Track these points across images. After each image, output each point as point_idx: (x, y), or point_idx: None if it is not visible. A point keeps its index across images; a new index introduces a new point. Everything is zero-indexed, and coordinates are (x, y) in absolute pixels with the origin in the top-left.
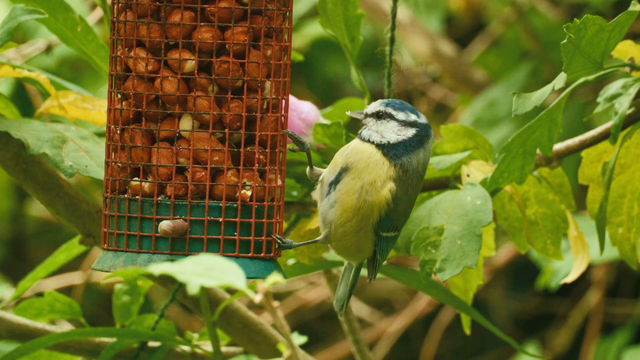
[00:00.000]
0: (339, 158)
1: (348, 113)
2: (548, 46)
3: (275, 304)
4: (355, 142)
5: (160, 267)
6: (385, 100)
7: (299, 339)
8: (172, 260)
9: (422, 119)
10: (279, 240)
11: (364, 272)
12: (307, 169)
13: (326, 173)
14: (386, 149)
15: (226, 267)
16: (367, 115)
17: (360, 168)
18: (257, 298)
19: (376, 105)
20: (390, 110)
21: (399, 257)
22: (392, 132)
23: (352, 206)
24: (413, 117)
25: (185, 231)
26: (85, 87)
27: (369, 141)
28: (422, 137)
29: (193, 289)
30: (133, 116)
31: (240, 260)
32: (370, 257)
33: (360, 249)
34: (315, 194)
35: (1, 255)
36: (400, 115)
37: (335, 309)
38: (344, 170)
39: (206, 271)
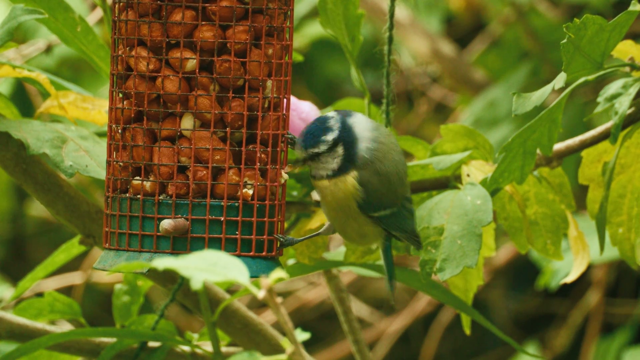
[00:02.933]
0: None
1: (286, 170)
2: (548, 46)
3: (279, 299)
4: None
5: (163, 261)
6: (301, 141)
7: (301, 336)
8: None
9: (334, 130)
10: (281, 239)
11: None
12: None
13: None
14: (334, 174)
15: (230, 263)
16: (305, 160)
17: (323, 191)
18: (261, 294)
19: (301, 152)
20: (313, 150)
21: (399, 257)
22: (330, 164)
23: (330, 205)
24: (330, 137)
25: (186, 230)
26: (85, 87)
27: (320, 178)
28: (348, 143)
29: (196, 283)
30: (134, 115)
31: (242, 259)
32: (383, 241)
33: (362, 234)
34: (316, 194)
35: (1, 255)
36: (322, 147)
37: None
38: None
39: (209, 266)
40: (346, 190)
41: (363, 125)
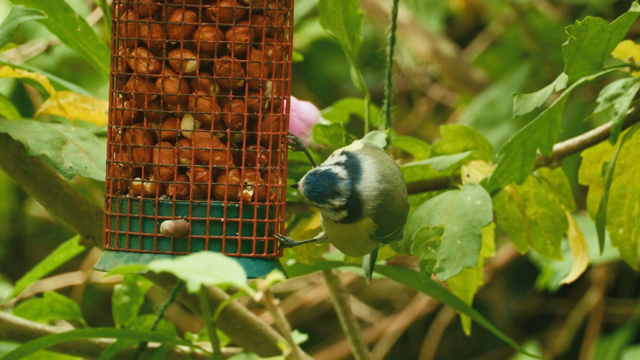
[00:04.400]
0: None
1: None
2: (548, 46)
3: (276, 302)
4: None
5: (161, 264)
6: (307, 189)
7: (299, 338)
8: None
9: (342, 197)
10: (281, 239)
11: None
12: (311, 169)
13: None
14: (342, 222)
15: (227, 265)
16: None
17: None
18: (257, 296)
19: (302, 191)
20: (317, 204)
21: (399, 257)
22: (334, 216)
23: (339, 237)
24: (337, 203)
25: (187, 231)
26: (85, 87)
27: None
28: (355, 206)
29: (193, 286)
30: (134, 116)
31: (242, 260)
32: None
33: (361, 252)
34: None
35: (1, 255)
36: (327, 207)
37: (364, 276)
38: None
39: (207, 269)
40: (360, 228)
41: (371, 180)
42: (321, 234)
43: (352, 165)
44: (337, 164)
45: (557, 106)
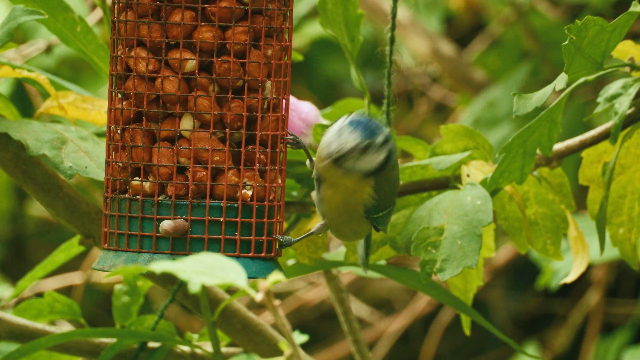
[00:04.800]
0: (317, 160)
1: (328, 156)
2: (548, 46)
3: (277, 302)
4: (331, 165)
5: (161, 265)
6: (360, 129)
7: (300, 338)
8: (173, 260)
9: (384, 133)
10: (280, 239)
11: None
12: (307, 162)
13: (324, 136)
14: (366, 173)
15: (227, 266)
16: (350, 151)
17: (338, 184)
18: (258, 297)
19: (353, 138)
20: (369, 141)
21: (399, 257)
22: (370, 162)
23: (337, 206)
24: (380, 137)
25: (186, 231)
26: (85, 87)
27: (351, 171)
28: (392, 148)
29: (194, 287)
30: (134, 116)
31: (241, 260)
32: (365, 238)
33: (356, 232)
34: (315, 194)
35: (1, 255)
36: (379, 139)
37: (360, 264)
38: (321, 179)
39: (207, 269)
40: (360, 198)
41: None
42: (318, 224)
43: (358, 114)
44: (348, 115)
45: (557, 106)
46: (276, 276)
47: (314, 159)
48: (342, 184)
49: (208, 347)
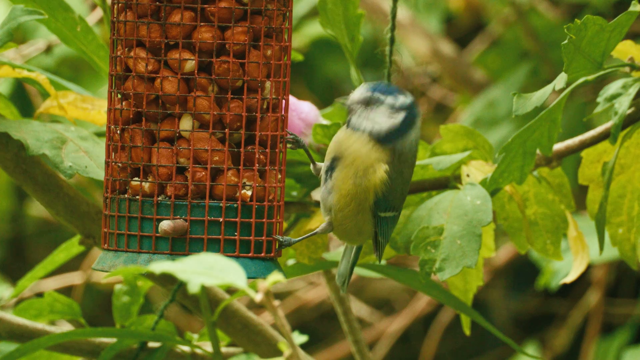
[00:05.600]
0: (331, 145)
1: (336, 100)
2: (548, 46)
3: (276, 303)
4: (345, 131)
5: (160, 265)
6: (372, 85)
7: (299, 339)
8: (172, 260)
9: (409, 99)
10: (280, 239)
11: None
12: (311, 166)
13: (324, 164)
14: (377, 135)
15: (227, 266)
16: (354, 102)
17: (352, 156)
18: (258, 297)
19: (363, 92)
20: (378, 95)
21: (399, 257)
22: (382, 118)
23: (348, 192)
24: (401, 99)
25: (185, 231)
26: (85, 87)
27: (359, 129)
28: (412, 118)
29: (194, 287)
30: (133, 116)
31: (241, 260)
32: (373, 239)
33: (360, 231)
34: (317, 193)
35: (1, 255)
36: (389, 100)
37: (337, 284)
38: (336, 159)
39: (207, 270)
40: (373, 179)
41: (419, 122)
42: (322, 225)
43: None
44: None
45: (556, 106)
46: (275, 277)
47: (318, 163)
48: (357, 157)
49: (208, 347)
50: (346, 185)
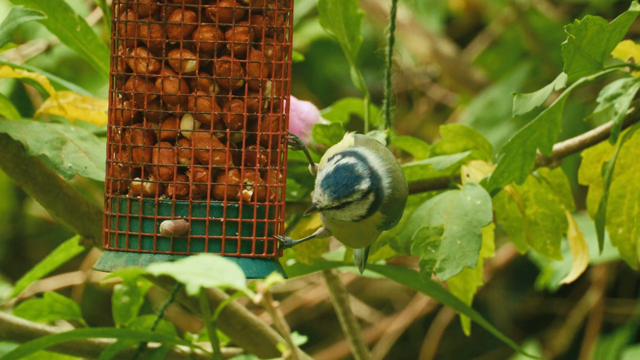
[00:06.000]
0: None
1: (305, 213)
2: (548, 46)
3: (275, 304)
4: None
5: (159, 267)
6: (330, 190)
7: (298, 339)
8: (173, 261)
9: (366, 178)
10: (281, 239)
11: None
12: (309, 166)
13: (318, 174)
14: (359, 218)
15: (226, 267)
16: (326, 208)
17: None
18: (257, 298)
19: (328, 199)
20: (346, 200)
21: (399, 257)
22: (357, 210)
23: (347, 233)
24: (365, 186)
25: (186, 231)
26: (85, 87)
27: (340, 219)
28: (379, 192)
29: (193, 289)
30: (134, 116)
31: (242, 260)
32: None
33: (368, 243)
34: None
35: (1, 255)
36: (356, 196)
37: (355, 264)
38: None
39: (206, 271)
40: (370, 222)
41: (374, 157)
42: (320, 229)
43: (353, 153)
44: (340, 158)
45: (556, 106)
46: (275, 277)
47: (316, 164)
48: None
49: (208, 347)
50: (345, 230)
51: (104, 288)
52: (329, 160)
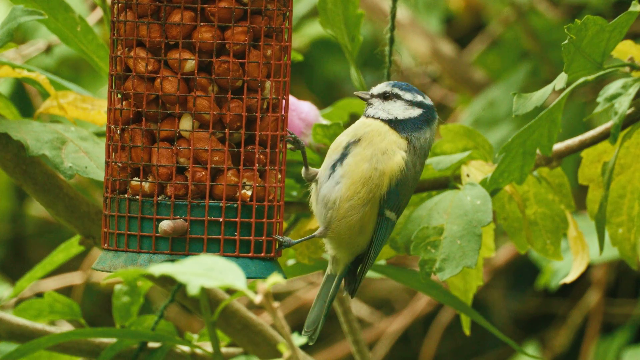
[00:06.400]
0: (343, 137)
1: (355, 93)
2: (548, 46)
3: (276, 304)
4: (362, 119)
5: (160, 267)
6: (392, 82)
7: (299, 340)
8: (172, 261)
9: (428, 101)
10: (280, 239)
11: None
12: (302, 169)
13: (324, 164)
14: (394, 123)
15: (226, 268)
16: (373, 96)
17: (370, 137)
18: (257, 299)
19: (382, 86)
20: (397, 90)
21: (399, 257)
22: (399, 110)
23: (362, 176)
24: (419, 98)
25: (185, 231)
26: (85, 87)
27: (376, 118)
28: (428, 117)
29: (193, 289)
30: (133, 116)
31: (241, 260)
32: (364, 251)
33: (362, 230)
34: (312, 190)
35: (1, 255)
36: (407, 96)
37: (305, 334)
38: (352, 143)
39: (206, 271)
40: (391, 165)
41: (435, 126)
42: (320, 229)
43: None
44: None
45: (556, 106)
46: (275, 278)
47: (311, 169)
48: (376, 137)
49: (208, 347)
50: (360, 170)
51: (104, 288)
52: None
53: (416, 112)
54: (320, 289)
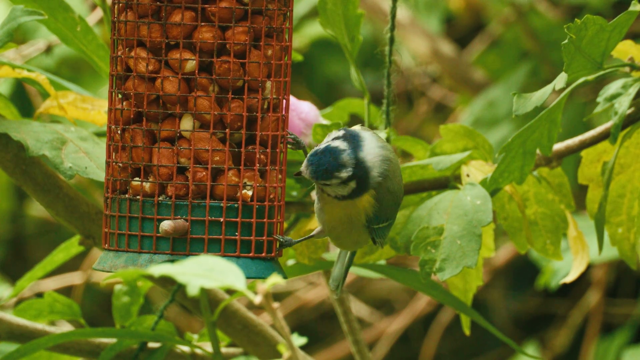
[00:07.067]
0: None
1: (295, 175)
2: (548, 46)
3: (275, 305)
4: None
5: (160, 268)
6: (312, 170)
7: (299, 340)
8: (172, 261)
9: (348, 167)
10: (280, 239)
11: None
12: (302, 167)
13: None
14: (345, 198)
15: (226, 268)
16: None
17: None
18: (257, 299)
19: (307, 174)
20: (325, 182)
21: (399, 257)
22: (340, 191)
23: (338, 217)
24: (344, 174)
25: (186, 231)
26: (85, 87)
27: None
28: (363, 178)
29: (193, 290)
30: (134, 116)
31: (242, 261)
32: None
33: (356, 242)
34: (314, 194)
35: (1, 255)
36: (335, 181)
37: (330, 289)
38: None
39: (206, 272)
40: (360, 206)
41: (372, 147)
42: (318, 228)
43: (351, 137)
44: (335, 138)
45: (556, 106)
46: (275, 278)
47: None
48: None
49: (208, 347)
50: (335, 212)
51: (104, 288)
52: (328, 135)
53: (351, 185)
54: (337, 255)
